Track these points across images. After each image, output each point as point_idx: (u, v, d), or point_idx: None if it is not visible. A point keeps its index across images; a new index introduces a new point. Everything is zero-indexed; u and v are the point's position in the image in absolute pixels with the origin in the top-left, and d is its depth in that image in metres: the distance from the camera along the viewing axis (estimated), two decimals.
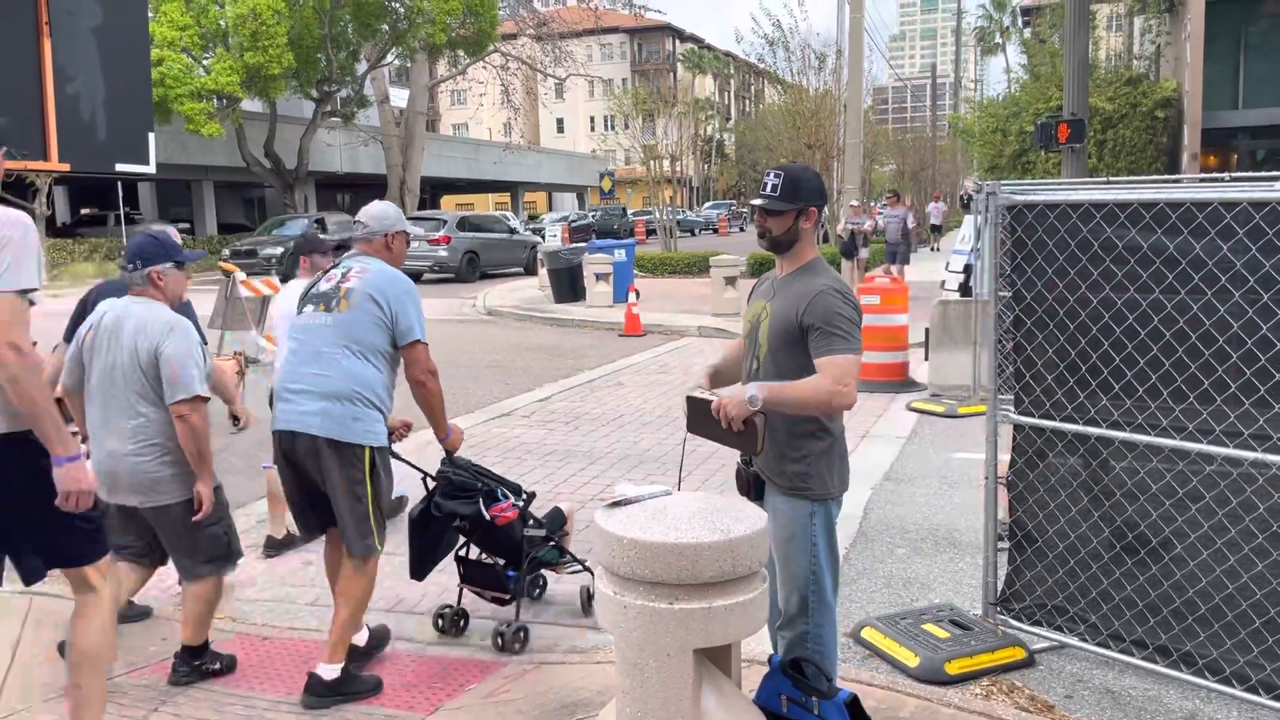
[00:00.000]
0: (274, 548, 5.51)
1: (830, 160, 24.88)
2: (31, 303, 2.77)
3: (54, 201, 29.55)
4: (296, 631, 4.51)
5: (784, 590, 3.14)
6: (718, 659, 2.74)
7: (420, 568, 4.30)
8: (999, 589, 4.28)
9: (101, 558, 3.11)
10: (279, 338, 5.31)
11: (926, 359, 10.18)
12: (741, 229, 51.64)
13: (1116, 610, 3.88)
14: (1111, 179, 4.32)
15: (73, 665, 3.09)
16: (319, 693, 3.71)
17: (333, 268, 3.98)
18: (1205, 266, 3.48)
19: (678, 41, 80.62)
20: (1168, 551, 3.72)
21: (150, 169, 7.44)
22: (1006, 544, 4.28)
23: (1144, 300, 3.66)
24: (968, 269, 11.93)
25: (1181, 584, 3.69)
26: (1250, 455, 3.43)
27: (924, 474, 6.98)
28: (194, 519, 3.73)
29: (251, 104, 33.27)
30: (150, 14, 27.02)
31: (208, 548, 3.83)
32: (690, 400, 3.11)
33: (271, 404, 3.97)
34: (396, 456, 4.06)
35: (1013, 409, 4.15)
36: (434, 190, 53.49)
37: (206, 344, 3.98)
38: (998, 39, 53.26)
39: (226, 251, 27.01)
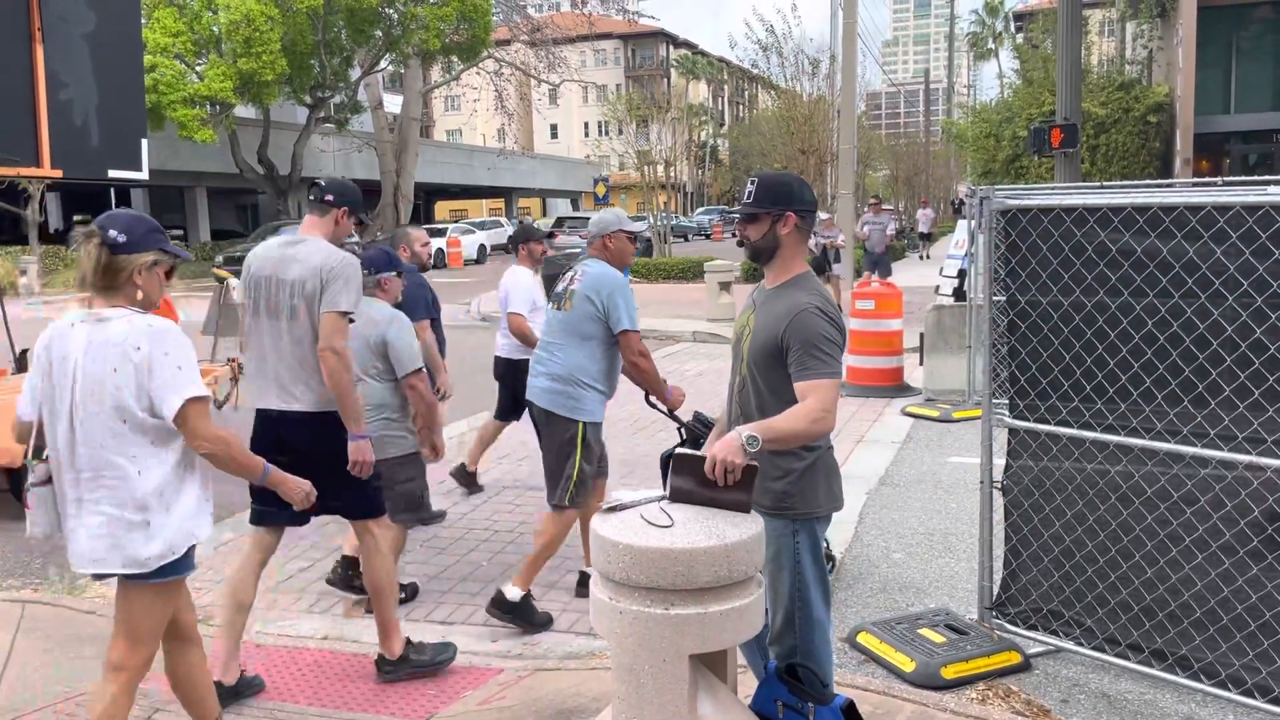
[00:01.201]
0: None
1: (824, 165, 24.92)
2: (351, 320, 3.80)
3: (46, 208, 29.47)
4: (288, 638, 4.49)
5: (771, 607, 3.12)
6: (713, 665, 2.73)
7: None
8: (995, 593, 4.28)
9: (381, 514, 3.99)
10: (508, 306, 6.30)
11: (921, 364, 10.19)
12: (734, 235, 51.63)
13: (1112, 614, 3.88)
14: (1105, 184, 4.34)
15: (371, 596, 4.00)
16: (504, 608, 4.46)
17: (569, 269, 4.69)
18: (1199, 270, 3.49)
19: (671, 47, 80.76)
20: (1163, 555, 3.72)
21: (143, 175, 7.41)
22: (1002, 548, 4.28)
23: (1138, 304, 3.66)
24: (962, 273, 11.96)
25: (1177, 588, 3.69)
26: (1244, 459, 3.44)
27: (919, 478, 6.98)
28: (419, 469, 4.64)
29: (245, 110, 33.22)
30: (143, 20, 27.01)
31: (406, 501, 4.63)
32: (677, 458, 2.75)
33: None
34: (655, 408, 4.79)
35: (1008, 413, 4.15)
36: (428, 196, 53.49)
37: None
38: (990, 44, 53.48)
39: (220, 258, 26.96)
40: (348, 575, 4.95)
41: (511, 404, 6.61)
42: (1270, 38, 22.06)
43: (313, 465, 3.58)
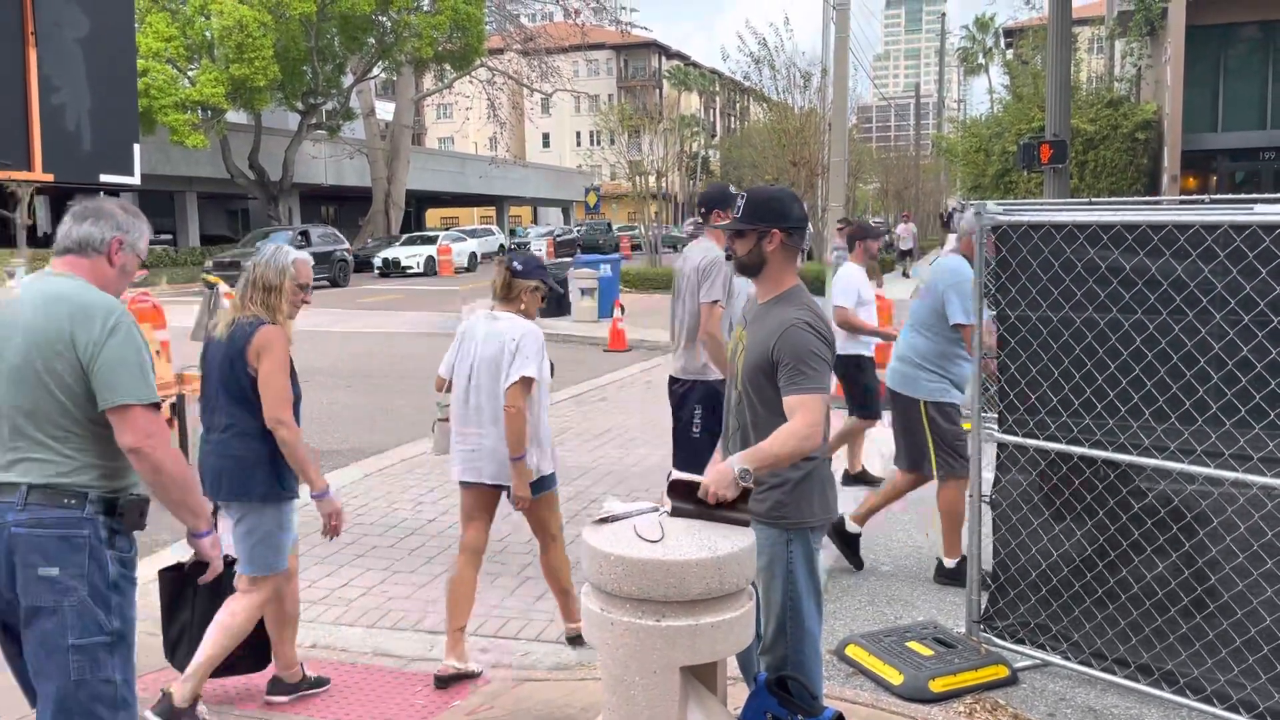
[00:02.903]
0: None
1: (815, 178, 25.04)
2: (721, 306, 4.77)
3: (35, 211, 29.34)
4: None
5: (764, 616, 3.12)
6: (704, 676, 2.74)
7: None
8: (983, 607, 4.30)
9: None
10: (835, 300, 6.84)
11: None
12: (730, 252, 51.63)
13: (1099, 629, 3.90)
14: (1094, 200, 4.38)
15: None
16: (948, 575, 5.19)
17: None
18: (1187, 288, 3.52)
19: (664, 58, 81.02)
20: (1149, 570, 3.75)
21: (135, 180, 7.39)
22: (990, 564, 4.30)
23: (1126, 321, 3.69)
24: None
25: (1163, 603, 3.71)
26: (1231, 475, 3.47)
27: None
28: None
29: (236, 116, 33.20)
30: (136, 25, 26.94)
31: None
32: (673, 482, 2.87)
33: None
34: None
35: (997, 428, 4.17)
36: (419, 203, 53.48)
37: None
38: (981, 60, 53.86)
39: (209, 263, 26.89)
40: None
41: (862, 398, 7.02)
42: (1258, 57, 22.28)
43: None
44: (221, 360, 3.67)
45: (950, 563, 5.14)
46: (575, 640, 4.39)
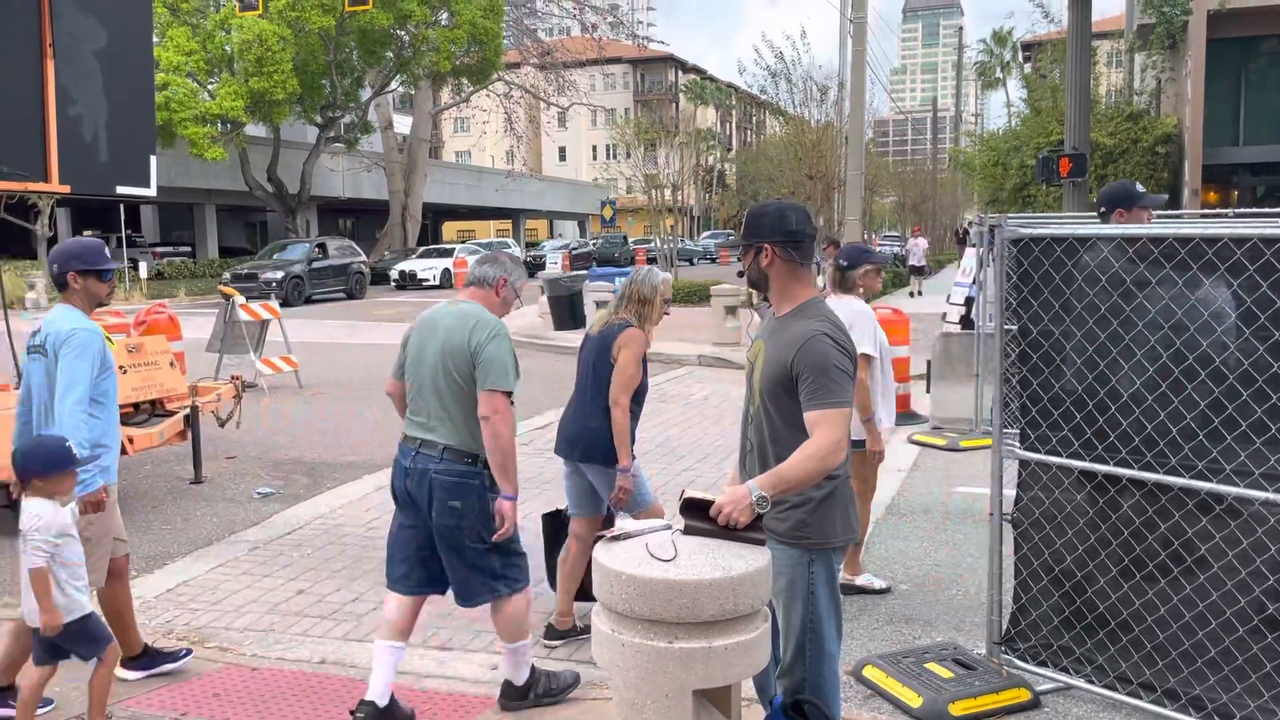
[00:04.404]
0: None
1: (831, 192, 24.96)
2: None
3: (56, 223, 29.60)
4: (285, 662, 4.42)
5: (783, 638, 3.05)
6: (717, 700, 2.66)
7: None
8: (1004, 628, 4.20)
9: None
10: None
11: (928, 391, 10.12)
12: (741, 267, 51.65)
13: (1124, 651, 3.80)
14: None
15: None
16: None
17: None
18: (1215, 302, 3.44)
19: (680, 72, 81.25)
20: (1176, 593, 3.65)
21: (151, 192, 7.39)
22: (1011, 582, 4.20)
23: (1152, 336, 3.61)
24: (969, 301, 11.91)
25: (1190, 626, 3.61)
26: (1261, 495, 3.37)
27: (926, 508, 6.91)
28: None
29: (255, 129, 33.43)
30: (157, 39, 27.23)
31: None
32: (686, 501, 2.80)
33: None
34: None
35: (1018, 444, 4.09)
36: (436, 217, 53.72)
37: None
38: (998, 74, 53.66)
39: (227, 275, 27.03)
40: None
41: None
42: (1279, 70, 22.10)
43: None
44: (593, 349, 4.54)
45: None
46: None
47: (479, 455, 3.67)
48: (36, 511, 3.34)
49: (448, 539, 3.68)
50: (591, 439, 4.45)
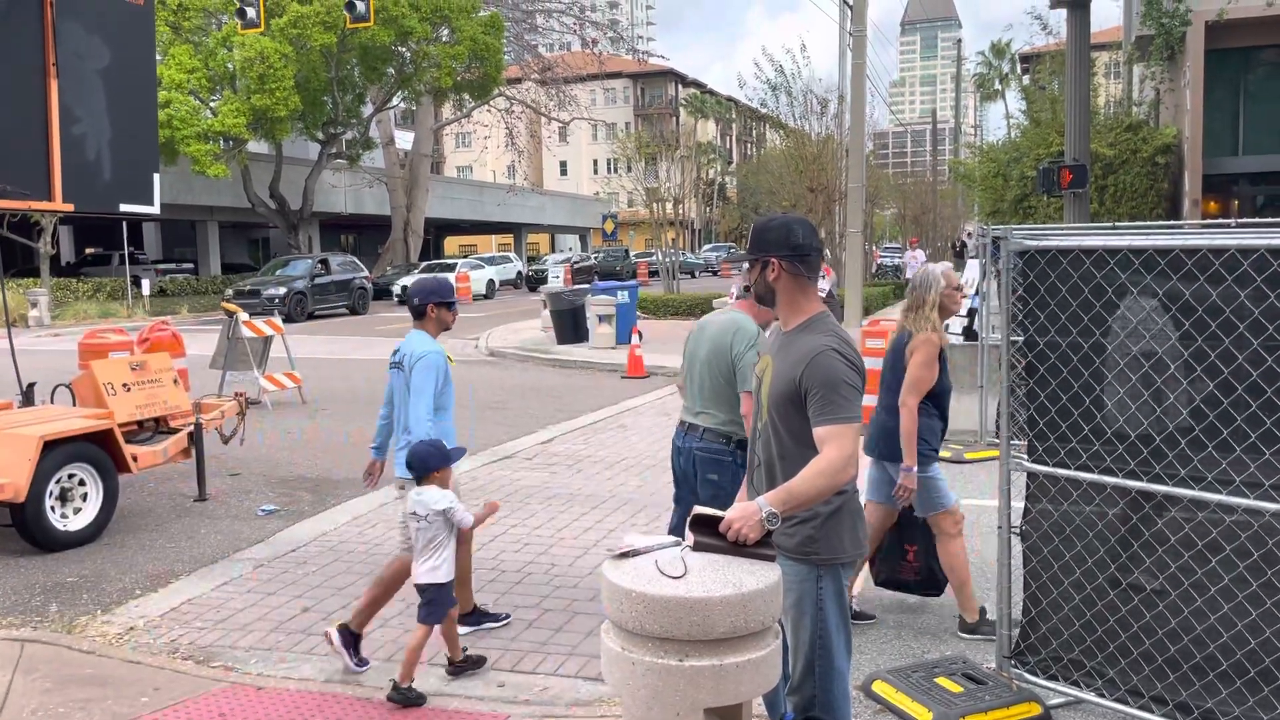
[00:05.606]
0: None
1: (832, 204, 24.99)
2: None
3: (59, 240, 29.67)
4: (290, 681, 4.40)
5: (792, 654, 3.02)
6: (728, 718, 2.64)
7: None
8: (1014, 641, 4.18)
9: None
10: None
11: None
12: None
13: (1135, 665, 3.77)
14: (1117, 224, 4.27)
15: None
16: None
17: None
18: (1222, 313, 3.43)
19: (680, 86, 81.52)
20: (1188, 605, 3.62)
21: (154, 210, 7.40)
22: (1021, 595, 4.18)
23: (1159, 347, 3.60)
24: (972, 313, 11.90)
25: (1202, 639, 3.59)
26: (1272, 506, 3.35)
27: None
28: None
29: (257, 145, 33.54)
30: (159, 57, 27.33)
31: None
32: (695, 516, 2.77)
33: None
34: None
35: (1026, 457, 4.07)
36: (438, 231, 53.83)
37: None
38: (997, 85, 53.76)
39: (230, 291, 27.07)
40: None
41: None
42: (1278, 80, 22.14)
43: None
44: (892, 352, 4.86)
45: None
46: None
47: (732, 436, 4.24)
48: (443, 493, 4.20)
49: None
50: (889, 437, 4.80)
